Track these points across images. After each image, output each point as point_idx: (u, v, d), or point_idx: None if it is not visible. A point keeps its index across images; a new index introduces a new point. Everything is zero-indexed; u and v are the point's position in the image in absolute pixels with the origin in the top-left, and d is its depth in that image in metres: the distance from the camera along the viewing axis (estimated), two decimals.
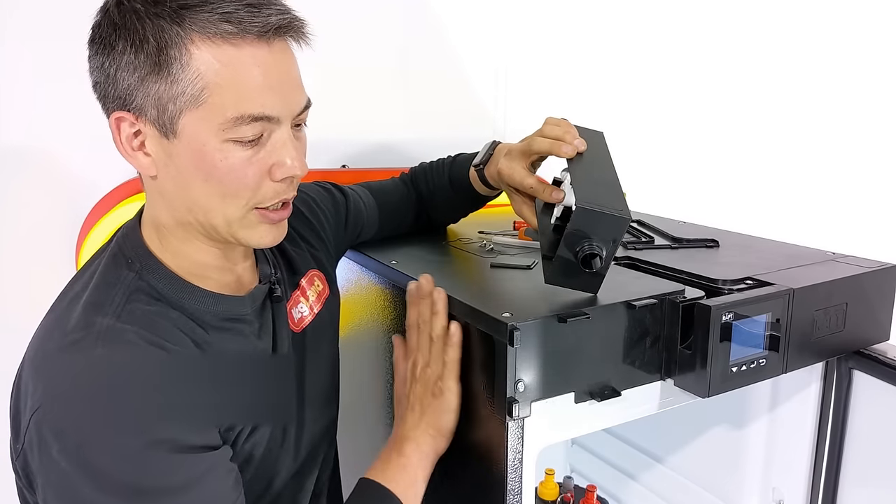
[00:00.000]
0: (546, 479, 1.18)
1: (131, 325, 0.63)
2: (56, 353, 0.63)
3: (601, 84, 1.75)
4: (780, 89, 2.03)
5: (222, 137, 0.63)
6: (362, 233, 1.03)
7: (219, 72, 0.61)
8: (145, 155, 0.66)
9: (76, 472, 0.58)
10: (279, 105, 0.65)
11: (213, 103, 0.62)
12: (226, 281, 0.74)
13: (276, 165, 0.66)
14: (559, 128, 0.83)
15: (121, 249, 0.71)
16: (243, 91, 0.62)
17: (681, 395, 0.81)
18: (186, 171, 0.65)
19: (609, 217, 0.70)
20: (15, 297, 1.23)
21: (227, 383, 0.69)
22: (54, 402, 0.59)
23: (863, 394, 0.93)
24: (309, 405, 0.83)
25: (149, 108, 0.63)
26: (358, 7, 1.43)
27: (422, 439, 0.77)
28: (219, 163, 0.64)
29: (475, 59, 1.60)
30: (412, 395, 0.79)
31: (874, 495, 0.94)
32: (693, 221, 1.20)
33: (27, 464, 0.62)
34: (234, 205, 0.67)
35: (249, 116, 0.63)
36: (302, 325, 0.84)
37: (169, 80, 0.61)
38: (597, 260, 0.71)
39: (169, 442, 0.60)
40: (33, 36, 1.17)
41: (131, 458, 0.59)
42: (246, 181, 0.66)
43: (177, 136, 0.63)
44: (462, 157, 1.05)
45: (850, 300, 0.88)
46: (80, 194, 1.24)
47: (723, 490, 1.13)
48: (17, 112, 1.20)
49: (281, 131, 0.66)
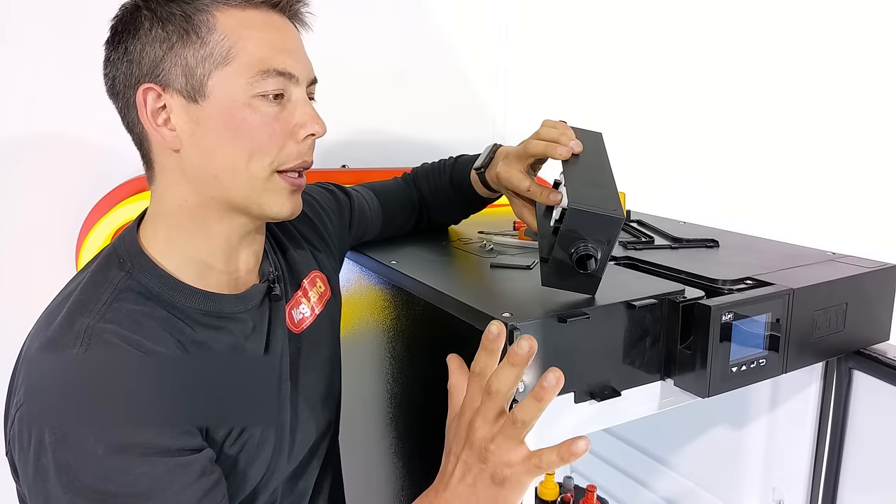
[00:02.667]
0: (546, 479, 1.18)
1: (113, 325, 0.64)
2: (37, 353, 0.63)
3: (602, 84, 1.75)
4: (780, 89, 2.03)
5: (250, 93, 0.68)
6: (366, 233, 1.03)
7: (243, 32, 0.67)
8: (170, 130, 0.68)
9: (48, 469, 0.58)
10: (298, 65, 0.71)
11: (240, 60, 0.67)
12: (222, 280, 0.74)
13: (297, 125, 0.71)
14: (555, 130, 0.83)
15: (115, 249, 0.72)
16: (267, 48, 0.68)
17: (681, 395, 0.80)
18: (215, 131, 0.68)
19: (601, 217, 0.69)
20: (15, 298, 1.23)
21: (209, 384, 0.68)
22: (32, 400, 0.61)
23: (863, 394, 0.93)
24: (304, 407, 0.82)
25: (176, 77, 0.67)
26: (358, 7, 1.43)
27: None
28: (249, 116, 0.68)
29: (475, 59, 1.60)
30: (465, 461, 0.63)
31: (874, 495, 0.94)
32: (693, 221, 1.20)
33: (13, 458, 0.63)
34: (260, 164, 0.70)
35: (274, 70, 0.68)
36: (302, 326, 0.84)
37: (197, 44, 0.66)
38: (591, 261, 0.70)
39: (138, 445, 0.60)
40: (35, 34, 1.17)
41: (97, 461, 0.58)
42: (273, 136, 0.70)
43: (206, 97, 0.67)
44: (464, 159, 1.05)
45: (850, 300, 0.88)
46: (81, 194, 1.24)
47: (723, 490, 1.13)
48: (17, 112, 1.20)
49: (299, 92, 0.71)
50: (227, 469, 0.69)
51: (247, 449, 0.72)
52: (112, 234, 1.15)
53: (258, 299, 0.77)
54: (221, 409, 0.69)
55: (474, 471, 0.62)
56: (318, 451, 0.87)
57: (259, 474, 0.74)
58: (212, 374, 0.69)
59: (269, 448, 0.75)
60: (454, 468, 0.64)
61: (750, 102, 1.99)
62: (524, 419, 0.60)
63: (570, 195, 0.71)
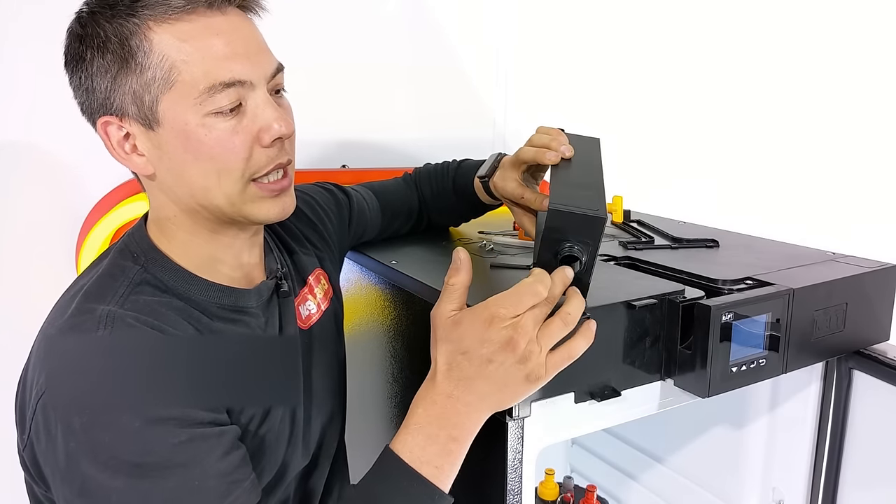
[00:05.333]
0: (546, 479, 1.18)
1: (133, 312, 0.64)
2: (58, 337, 0.63)
3: (602, 84, 1.75)
4: (780, 89, 2.03)
5: (202, 112, 0.64)
6: (365, 233, 1.03)
7: (181, 48, 0.63)
8: (139, 156, 0.67)
9: (80, 451, 0.58)
10: (248, 68, 0.65)
11: (184, 80, 0.63)
12: (234, 276, 0.75)
13: (261, 130, 0.67)
14: (547, 136, 0.83)
15: (127, 245, 0.72)
16: (209, 61, 0.64)
17: (681, 395, 0.81)
18: (177, 156, 0.66)
19: (582, 217, 0.67)
20: (15, 298, 1.23)
21: (232, 365, 0.69)
22: (57, 383, 0.60)
23: (863, 394, 0.93)
24: (316, 400, 0.83)
25: (128, 106, 0.65)
26: (358, 7, 1.43)
27: (483, 419, 0.66)
28: (204, 138, 0.65)
29: (476, 59, 1.60)
30: (493, 362, 0.63)
31: (874, 495, 0.94)
32: (693, 221, 1.20)
33: (34, 453, 0.62)
34: (230, 179, 0.67)
35: (221, 84, 0.64)
36: (310, 322, 0.84)
37: (138, 71, 0.63)
38: (576, 263, 0.68)
39: (173, 418, 0.60)
40: (33, 36, 1.17)
41: (134, 435, 0.58)
42: (235, 151, 0.66)
43: (160, 123, 0.65)
44: (467, 164, 1.05)
45: (850, 300, 0.88)
46: (80, 194, 1.25)
47: (723, 490, 1.13)
48: (16, 112, 1.20)
49: (257, 95, 0.67)
50: (252, 453, 0.70)
51: (271, 432, 0.73)
52: (112, 234, 1.15)
53: (267, 295, 0.77)
54: (246, 389, 0.69)
55: (511, 377, 0.64)
56: (330, 447, 0.87)
57: (274, 468, 0.75)
58: (233, 355, 0.70)
59: (284, 442, 0.76)
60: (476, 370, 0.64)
61: (750, 103, 1.99)
62: (576, 314, 0.65)
63: (551, 196, 0.71)
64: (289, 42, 0.73)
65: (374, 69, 1.48)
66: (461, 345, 0.64)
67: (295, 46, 0.74)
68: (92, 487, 0.58)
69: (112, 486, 0.58)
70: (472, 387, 0.64)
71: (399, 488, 0.64)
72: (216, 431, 0.63)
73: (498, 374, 0.64)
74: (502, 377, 0.64)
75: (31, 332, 0.68)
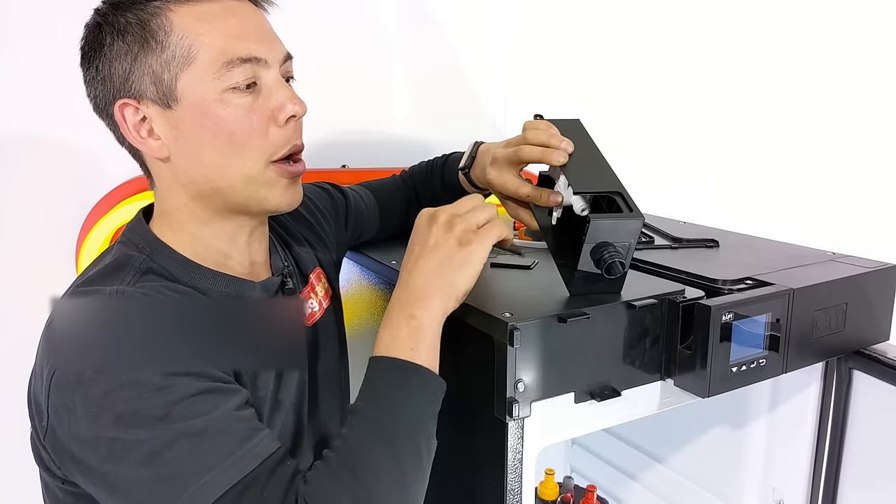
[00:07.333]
0: (546, 479, 1.18)
1: (141, 291, 0.65)
2: (66, 312, 0.64)
3: (602, 84, 1.75)
4: (780, 89, 2.03)
5: (220, 87, 0.66)
6: (363, 233, 1.03)
7: (200, 27, 0.66)
8: (155, 139, 0.68)
9: (102, 415, 0.58)
10: (263, 48, 0.69)
11: (203, 57, 0.66)
12: (240, 270, 0.76)
13: (276, 109, 0.69)
14: (543, 133, 0.84)
15: (129, 239, 0.72)
16: (227, 38, 0.67)
17: (681, 395, 0.80)
18: (195, 134, 0.67)
19: (623, 224, 0.71)
20: (15, 298, 1.23)
21: (242, 330, 0.71)
22: (67, 357, 0.60)
23: (863, 394, 0.93)
24: (322, 392, 0.84)
25: (147, 86, 0.66)
26: (358, 7, 1.43)
27: (433, 294, 0.69)
28: (222, 113, 0.67)
29: (476, 59, 1.60)
30: (430, 239, 0.71)
31: (874, 495, 0.94)
32: (693, 221, 1.20)
33: (56, 438, 0.61)
34: (249, 158, 0.69)
35: (238, 59, 0.67)
36: (313, 319, 0.85)
37: (158, 50, 0.66)
38: (618, 265, 0.71)
39: (192, 373, 0.61)
40: (34, 36, 1.17)
41: (157, 389, 0.58)
42: (252, 128, 0.68)
43: (178, 101, 0.67)
44: (453, 157, 1.05)
45: (850, 300, 0.88)
46: (80, 194, 1.25)
47: (723, 490, 1.13)
48: (17, 112, 1.20)
49: (270, 75, 0.69)
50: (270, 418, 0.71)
51: (286, 395, 0.74)
52: (112, 234, 1.15)
53: (273, 291, 0.78)
54: (258, 353, 0.71)
55: (444, 248, 0.70)
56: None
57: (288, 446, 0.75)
58: (242, 321, 0.72)
59: (289, 436, 0.76)
60: (416, 258, 0.71)
61: (750, 103, 1.99)
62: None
63: (589, 206, 0.75)
64: (289, 42, 0.74)
65: (374, 69, 1.48)
66: (412, 242, 0.73)
67: (295, 46, 0.74)
68: (118, 449, 0.58)
69: (139, 441, 0.57)
70: (417, 268, 0.70)
71: (385, 379, 0.67)
72: (232, 388, 0.64)
73: (436, 251, 0.70)
74: (440, 250, 0.70)
75: (31, 332, 0.68)
